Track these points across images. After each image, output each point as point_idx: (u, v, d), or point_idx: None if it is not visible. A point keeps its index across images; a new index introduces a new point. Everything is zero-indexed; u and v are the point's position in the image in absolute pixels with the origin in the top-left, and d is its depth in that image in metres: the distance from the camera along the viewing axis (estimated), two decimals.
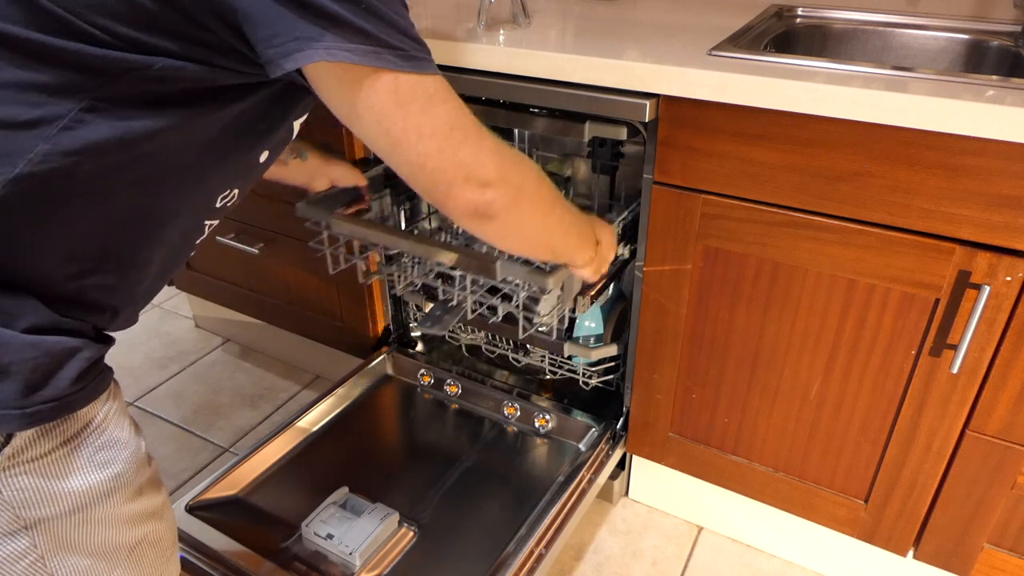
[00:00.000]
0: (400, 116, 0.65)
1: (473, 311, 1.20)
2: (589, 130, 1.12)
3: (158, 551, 0.73)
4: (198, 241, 0.77)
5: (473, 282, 1.18)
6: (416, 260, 1.31)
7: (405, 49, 0.64)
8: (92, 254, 0.63)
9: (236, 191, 0.76)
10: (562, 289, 1.09)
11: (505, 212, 0.74)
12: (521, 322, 1.20)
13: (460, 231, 1.42)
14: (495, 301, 1.19)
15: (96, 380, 0.64)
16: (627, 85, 1.00)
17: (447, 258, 1.05)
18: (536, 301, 1.18)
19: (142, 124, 0.60)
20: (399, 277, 1.32)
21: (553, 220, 0.84)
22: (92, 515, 0.64)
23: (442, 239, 1.38)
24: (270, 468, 1.26)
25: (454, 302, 1.25)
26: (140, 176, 0.63)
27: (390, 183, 1.29)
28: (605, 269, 1.03)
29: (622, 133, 1.11)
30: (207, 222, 0.76)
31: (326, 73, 0.63)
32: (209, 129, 0.65)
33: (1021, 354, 0.93)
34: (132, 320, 0.74)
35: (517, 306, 1.17)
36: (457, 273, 1.18)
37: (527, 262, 1.00)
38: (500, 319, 1.23)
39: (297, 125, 0.79)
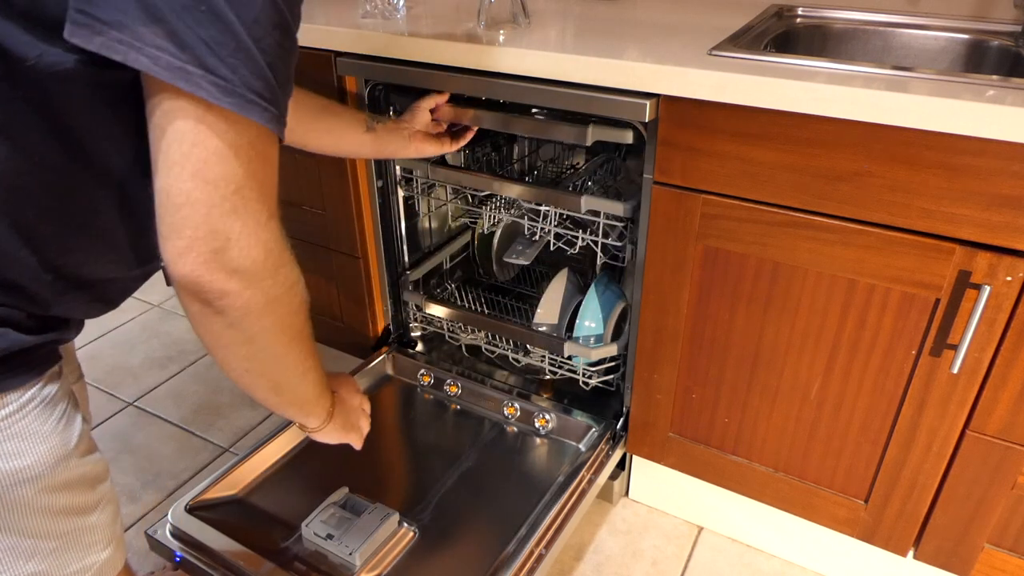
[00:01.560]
0: (188, 141, 0.54)
1: (552, 244, 1.36)
2: (592, 134, 1.12)
3: (86, 545, 0.73)
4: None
5: (555, 216, 1.33)
6: (504, 200, 1.46)
7: (228, 81, 0.52)
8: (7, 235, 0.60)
9: None
10: (633, 222, 1.19)
11: (241, 316, 0.60)
12: (599, 250, 1.30)
13: (544, 171, 1.60)
14: (574, 234, 1.31)
15: (9, 372, 0.62)
16: (627, 85, 1.00)
17: (538, 195, 1.24)
18: (613, 228, 1.26)
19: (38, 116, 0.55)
20: (488, 216, 1.46)
21: (294, 357, 0.70)
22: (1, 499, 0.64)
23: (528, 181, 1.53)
24: (270, 468, 1.26)
25: (536, 236, 1.40)
26: (56, 166, 0.59)
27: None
28: (354, 421, 0.93)
29: (627, 136, 1.11)
30: None
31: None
32: (116, 137, 0.60)
33: (1021, 354, 0.93)
34: (84, 310, 0.70)
35: (595, 234, 1.27)
36: (543, 208, 1.33)
37: (604, 192, 1.03)
38: (577, 250, 1.35)
39: None
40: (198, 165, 0.54)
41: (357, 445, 0.94)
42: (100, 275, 0.69)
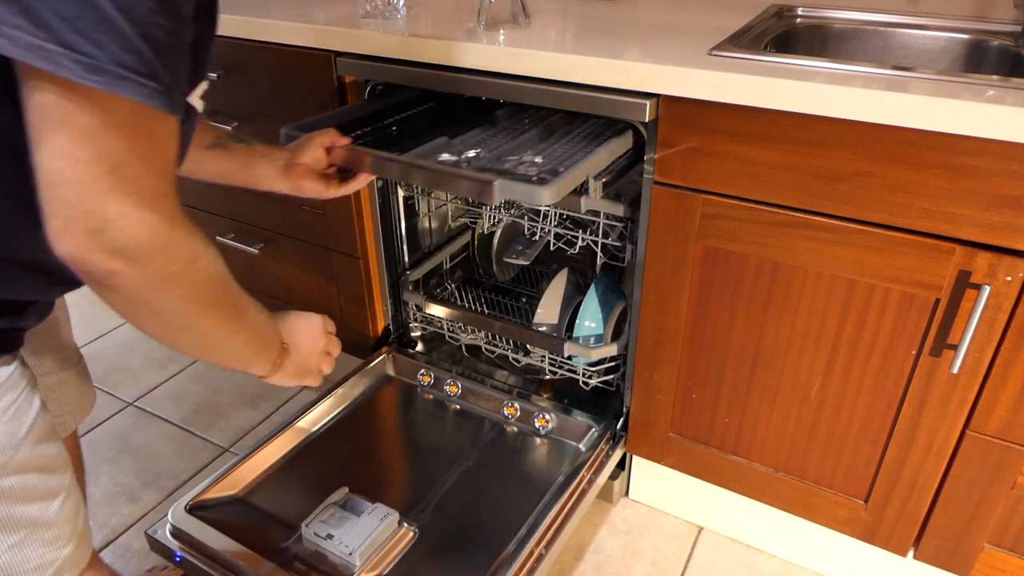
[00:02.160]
0: (55, 119, 0.51)
1: (552, 244, 1.35)
2: (500, 191, 0.93)
3: (47, 541, 0.73)
4: None
5: (555, 216, 1.34)
6: (504, 200, 1.44)
7: (92, 57, 0.49)
8: None
9: None
10: (630, 209, 1.18)
11: (135, 293, 0.59)
12: (599, 250, 1.30)
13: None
14: (574, 234, 1.30)
15: None
16: (627, 85, 1.00)
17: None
18: (613, 228, 1.25)
19: None
20: (488, 216, 1.47)
21: (212, 324, 0.67)
22: None
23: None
24: (270, 468, 1.26)
25: (536, 236, 1.38)
26: None
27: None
28: (312, 366, 0.87)
29: (541, 197, 0.94)
30: None
31: None
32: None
33: (1021, 354, 0.93)
34: (47, 292, 0.69)
35: (595, 234, 1.27)
36: (543, 208, 1.32)
37: (604, 192, 1.05)
38: (577, 250, 1.35)
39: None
40: (66, 144, 0.52)
41: (315, 384, 0.91)
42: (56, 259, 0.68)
